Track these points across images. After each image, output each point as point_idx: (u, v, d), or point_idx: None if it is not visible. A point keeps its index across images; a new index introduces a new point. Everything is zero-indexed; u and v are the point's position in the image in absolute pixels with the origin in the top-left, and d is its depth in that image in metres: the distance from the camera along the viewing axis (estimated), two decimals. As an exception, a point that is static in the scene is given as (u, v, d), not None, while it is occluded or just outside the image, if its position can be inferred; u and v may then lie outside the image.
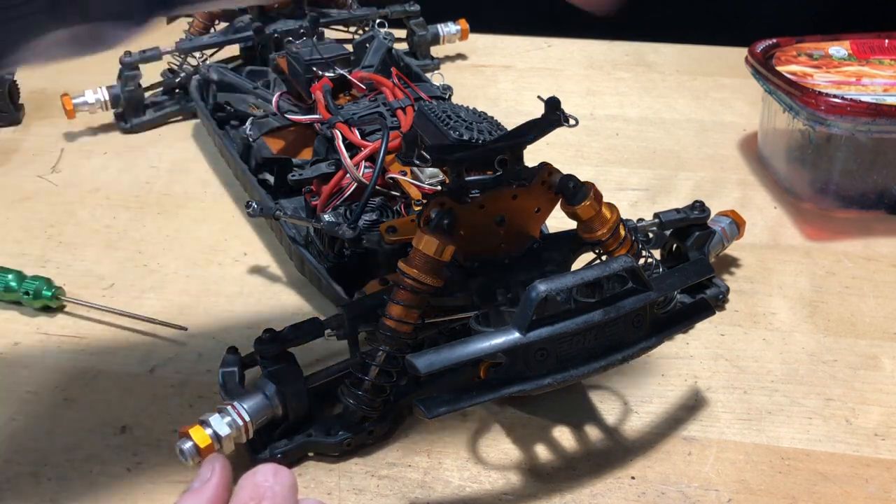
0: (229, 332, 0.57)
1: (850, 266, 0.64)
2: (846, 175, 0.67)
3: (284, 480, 0.36)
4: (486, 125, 0.55)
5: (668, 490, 0.46)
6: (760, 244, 0.66)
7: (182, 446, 0.42)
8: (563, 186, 0.46)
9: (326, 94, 0.64)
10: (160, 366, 0.55)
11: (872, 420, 0.50)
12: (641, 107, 0.88)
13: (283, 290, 0.61)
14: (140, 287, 0.62)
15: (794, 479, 0.47)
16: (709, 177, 0.76)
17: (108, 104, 0.81)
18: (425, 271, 0.43)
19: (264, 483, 0.36)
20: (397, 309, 0.44)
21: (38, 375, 0.54)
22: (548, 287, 0.40)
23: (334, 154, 0.60)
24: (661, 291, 0.43)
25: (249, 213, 0.55)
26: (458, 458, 0.48)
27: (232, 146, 0.70)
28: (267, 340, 0.45)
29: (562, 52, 1.01)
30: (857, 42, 0.76)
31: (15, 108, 0.84)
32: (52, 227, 0.68)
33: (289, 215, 0.56)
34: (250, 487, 0.36)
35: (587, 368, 0.41)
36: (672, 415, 0.51)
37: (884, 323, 0.58)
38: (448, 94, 0.70)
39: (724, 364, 0.54)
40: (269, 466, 0.36)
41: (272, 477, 0.36)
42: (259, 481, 0.36)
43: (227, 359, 0.48)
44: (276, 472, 0.36)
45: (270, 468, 0.36)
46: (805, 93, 0.65)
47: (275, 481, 0.36)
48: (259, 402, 0.45)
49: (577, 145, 0.80)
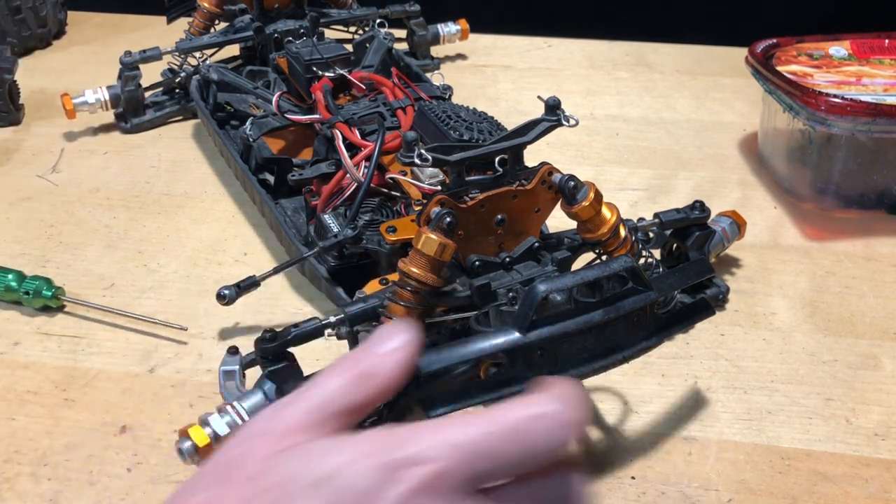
0: (229, 332, 0.57)
1: (850, 266, 0.64)
2: (846, 175, 0.67)
3: None
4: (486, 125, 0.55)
5: (668, 490, 0.46)
6: (760, 244, 0.66)
7: (181, 446, 0.42)
8: (563, 186, 0.46)
9: (326, 94, 0.64)
10: (160, 366, 0.55)
11: (872, 420, 0.50)
12: (641, 107, 0.88)
13: (283, 291, 0.61)
14: (140, 287, 0.62)
15: (794, 479, 0.47)
16: (709, 177, 0.76)
17: (108, 104, 0.81)
18: (425, 271, 0.43)
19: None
20: (398, 309, 0.44)
21: (38, 375, 0.54)
22: (548, 287, 0.40)
23: (334, 154, 0.60)
24: (661, 291, 0.43)
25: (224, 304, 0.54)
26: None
27: (232, 146, 0.70)
28: (268, 340, 0.45)
29: (562, 52, 1.01)
30: (857, 42, 0.76)
31: (15, 108, 0.84)
32: (52, 227, 0.68)
33: (271, 273, 0.55)
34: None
35: (587, 368, 0.41)
36: (672, 415, 0.51)
37: (884, 323, 0.58)
38: (448, 94, 0.70)
39: (724, 364, 0.54)
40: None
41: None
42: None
43: (227, 359, 0.48)
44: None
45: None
46: (805, 93, 0.65)
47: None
48: (259, 401, 0.45)
49: (577, 145, 0.80)
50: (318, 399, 0.31)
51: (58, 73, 0.96)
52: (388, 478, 0.28)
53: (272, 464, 0.29)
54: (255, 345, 0.45)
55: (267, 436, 0.30)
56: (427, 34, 0.95)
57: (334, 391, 0.31)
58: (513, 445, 0.29)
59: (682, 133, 0.83)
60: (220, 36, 0.82)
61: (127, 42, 0.94)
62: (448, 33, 0.96)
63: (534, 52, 1.01)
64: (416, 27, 0.94)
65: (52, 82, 0.92)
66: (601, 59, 0.99)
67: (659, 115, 0.87)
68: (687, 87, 0.92)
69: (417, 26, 0.94)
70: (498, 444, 0.29)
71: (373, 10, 0.89)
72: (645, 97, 0.90)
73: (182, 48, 0.81)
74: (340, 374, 0.32)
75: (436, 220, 0.43)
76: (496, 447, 0.29)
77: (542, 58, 1.00)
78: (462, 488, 0.28)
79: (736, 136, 0.82)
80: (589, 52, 1.01)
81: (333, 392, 0.31)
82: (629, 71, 0.96)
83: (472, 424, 0.29)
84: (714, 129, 0.84)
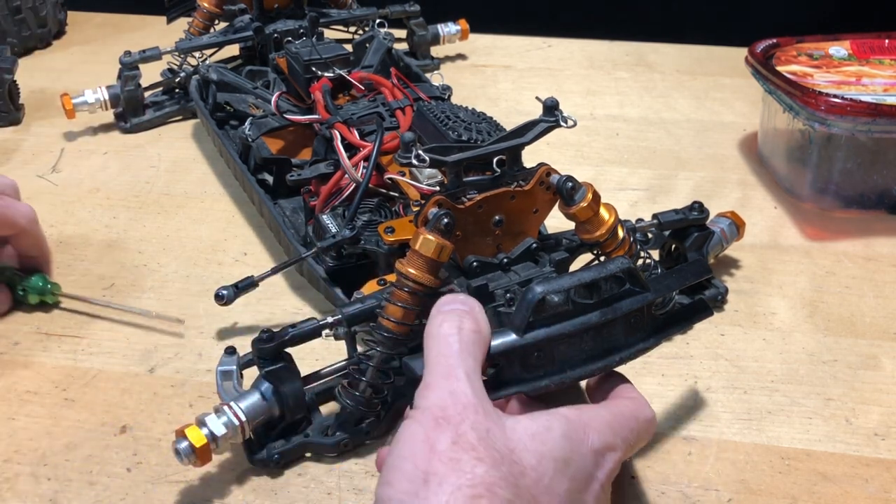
0: (228, 332, 0.58)
1: (850, 266, 0.64)
2: (846, 175, 0.67)
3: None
4: (485, 125, 0.55)
5: (668, 490, 0.46)
6: (760, 244, 0.66)
7: (178, 446, 0.42)
8: (561, 187, 0.46)
9: (325, 94, 0.64)
10: (160, 366, 0.55)
11: (872, 420, 0.50)
12: (641, 107, 0.88)
13: (282, 291, 0.61)
14: (140, 287, 0.62)
15: (794, 479, 0.47)
16: (709, 177, 0.76)
17: (108, 104, 0.81)
18: (423, 272, 0.43)
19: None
20: (395, 310, 0.44)
21: (38, 375, 0.54)
22: (545, 288, 0.40)
23: (333, 154, 0.60)
24: (658, 292, 0.43)
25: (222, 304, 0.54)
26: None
27: (231, 146, 0.70)
28: (265, 340, 0.45)
29: (562, 52, 1.01)
30: (857, 42, 0.76)
31: (15, 108, 0.84)
32: (52, 226, 0.68)
33: (269, 273, 0.55)
34: None
35: (585, 370, 0.41)
36: (672, 415, 0.51)
37: (884, 323, 0.58)
38: (447, 94, 0.70)
39: (724, 364, 0.54)
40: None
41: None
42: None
43: (224, 359, 0.48)
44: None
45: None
46: (805, 93, 0.65)
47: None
48: (256, 402, 0.45)
49: (577, 145, 0.80)
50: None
51: (58, 73, 0.96)
52: (597, 462, 0.37)
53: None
54: (253, 345, 0.45)
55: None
56: (427, 34, 0.95)
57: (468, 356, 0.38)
58: (642, 441, 0.40)
59: (682, 133, 0.83)
60: (220, 36, 0.82)
61: (127, 42, 0.94)
62: (448, 33, 0.96)
63: (534, 52, 1.01)
64: (415, 27, 0.94)
65: (52, 82, 0.93)
66: (601, 59, 0.99)
67: (659, 115, 0.87)
68: (687, 87, 0.92)
69: (417, 26, 0.94)
70: (636, 438, 0.40)
71: (373, 10, 0.89)
72: (645, 97, 0.90)
73: (182, 48, 0.82)
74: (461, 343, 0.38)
75: (433, 221, 0.43)
76: (636, 442, 0.40)
77: (542, 58, 1.00)
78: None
79: (736, 136, 0.82)
80: (589, 52, 1.01)
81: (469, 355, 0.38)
82: (629, 71, 0.96)
83: (627, 418, 0.39)
84: (714, 129, 0.84)
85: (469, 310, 0.39)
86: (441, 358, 0.37)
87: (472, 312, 0.39)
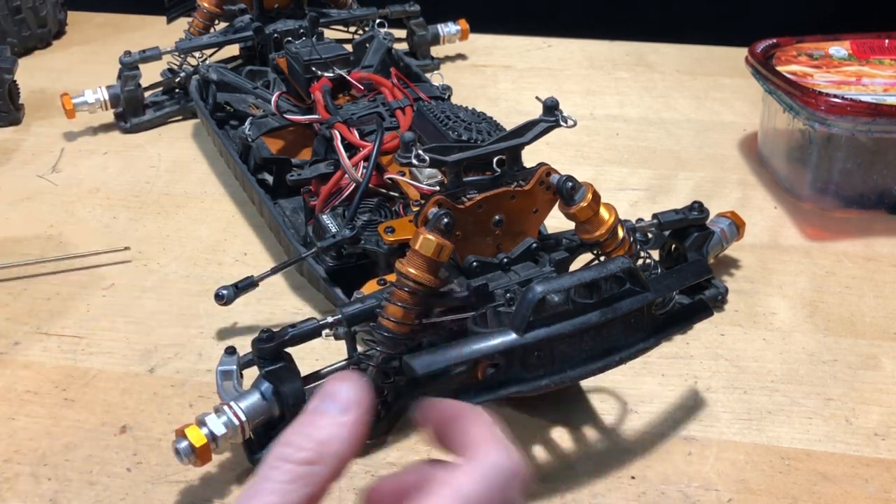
0: (229, 332, 0.57)
1: (850, 266, 0.64)
2: (846, 175, 0.67)
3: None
4: (485, 125, 0.55)
5: (668, 490, 0.46)
6: (760, 244, 0.66)
7: (178, 446, 0.42)
8: (561, 187, 0.46)
9: (325, 94, 0.64)
10: (160, 366, 0.55)
11: (872, 420, 0.50)
12: (641, 107, 0.88)
13: (282, 291, 0.61)
14: (140, 287, 0.62)
15: (794, 479, 0.47)
16: (709, 177, 0.76)
17: (108, 104, 0.81)
18: (423, 272, 0.43)
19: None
20: (395, 310, 0.44)
21: (38, 375, 0.54)
22: (545, 288, 0.40)
23: (333, 154, 0.60)
24: (658, 292, 0.43)
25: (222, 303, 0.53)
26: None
27: (231, 146, 0.70)
28: (265, 340, 0.45)
29: (562, 52, 1.01)
30: (857, 42, 0.76)
31: (15, 108, 0.84)
32: (51, 226, 0.68)
33: (269, 273, 0.55)
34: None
35: (585, 370, 0.41)
36: (672, 415, 0.51)
37: (884, 323, 0.58)
38: (447, 94, 0.70)
39: (724, 364, 0.54)
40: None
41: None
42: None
43: (224, 359, 0.48)
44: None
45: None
46: (805, 93, 0.65)
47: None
48: (256, 401, 0.45)
49: (577, 145, 0.80)
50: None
51: (58, 73, 0.96)
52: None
53: None
54: (253, 345, 0.45)
55: None
56: (427, 34, 0.95)
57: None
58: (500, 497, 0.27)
59: (682, 133, 0.83)
60: (220, 36, 0.82)
61: (127, 42, 0.94)
62: (448, 33, 0.96)
63: (534, 52, 1.01)
64: (415, 27, 0.94)
65: (52, 82, 0.93)
66: (601, 59, 0.99)
67: (659, 115, 0.87)
68: (687, 87, 0.92)
69: (417, 26, 0.94)
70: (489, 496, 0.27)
71: (373, 10, 0.89)
72: (645, 97, 0.90)
73: (182, 48, 0.82)
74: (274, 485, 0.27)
75: (433, 221, 0.43)
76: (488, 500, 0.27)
77: (542, 58, 1.00)
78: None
79: (736, 136, 0.82)
80: (589, 52, 1.01)
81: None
82: (629, 71, 0.96)
83: (471, 477, 0.27)
84: (714, 129, 0.84)
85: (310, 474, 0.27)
86: None
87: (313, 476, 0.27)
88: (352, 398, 0.29)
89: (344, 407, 0.28)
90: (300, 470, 0.27)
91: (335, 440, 0.28)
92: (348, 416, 0.28)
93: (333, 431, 0.28)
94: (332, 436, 0.28)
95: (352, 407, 0.28)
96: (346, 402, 0.28)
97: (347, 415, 0.28)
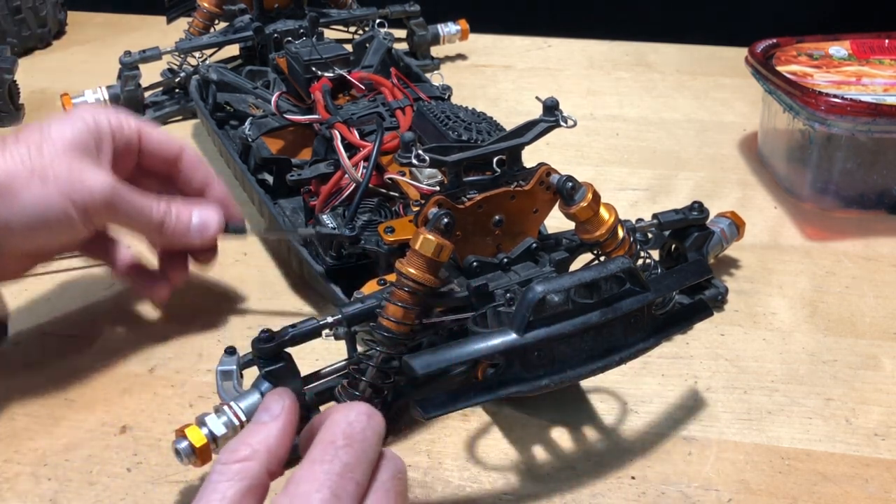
0: (229, 331, 0.57)
1: (850, 266, 0.64)
2: (846, 175, 0.67)
3: (377, 427, 0.34)
4: (485, 125, 0.55)
5: (668, 490, 0.46)
6: (760, 244, 0.66)
7: (178, 446, 0.42)
8: (561, 187, 0.46)
9: (325, 94, 0.64)
10: (160, 366, 0.55)
11: (872, 420, 0.50)
12: (641, 107, 0.88)
13: (282, 291, 0.61)
14: (140, 287, 0.62)
15: (794, 479, 0.46)
16: (709, 177, 0.76)
17: (108, 104, 0.81)
18: (423, 272, 0.43)
19: (357, 424, 0.33)
20: (395, 309, 0.44)
21: (38, 375, 0.54)
22: (545, 288, 0.40)
23: (333, 154, 0.60)
24: (658, 292, 0.43)
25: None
26: (458, 458, 0.48)
27: (231, 146, 0.70)
28: (265, 340, 0.45)
29: (562, 52, 1.01)
30: (857, 42, 0.76)
31: (15, 108, 0.84)
32: (51, 227, 0.68)
33: (261, 232, 0.55)
34: (344, 425, 0.33)
35: (584, 370, 0.41)
36: (672, 415, 0.51)
37: (884, 323, 0.58)
38: (447, 94, 0.70)
39: (724, 364, 0.54)
40: (363, 406, 0.34)
41: (366, 419, 0.33)
42: (352, 420, 0.33)
43: (224, 359, 0.48)
44: (370, 416, 0.33)
45: (365, 409, 0.34)
46: (805, 93, 0.65)
47: (367, 425, 0.33)
48: (256, 402, 0.45)
49: (577, 145, 0.80)
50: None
51: (58, 73, 0.96)
52: None
53: None
54: (252, 345, 0.45)
55: None
56: (427, 34, 0.95)
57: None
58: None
59: (682, 133, 0.83)
60: (220, 36, 0.82)
61: (127, 42, 0.94)
62: (448, 33, 0.96)
63: (534, 52, 1.01)
64: (415, 27, 0.94)
65: (52, 82, 0.93)
66: (601, 59, 0.99)
67: (659, 115, 0.87)
68: (687, 87, 0.92)
69: (417, 26, 0.94)
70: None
71: (373, 10, 0.89)
72: (645, 97, 0.90)
73: (182, 48, 0.82)
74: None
75: (433, 221, 0.43)
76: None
77: (542, 58, 1.00)
78: None
79: (736, 136, 0.82)
80: (589, 52, 1.01)
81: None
82: (629, 71, 0.96)
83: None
84: (714, 129, 0.84)
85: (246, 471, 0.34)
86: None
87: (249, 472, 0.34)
88: (280, 408, 0.36)
89: (273, 415, 0.36)
90: (236, 467, 0.34)
91: (265, 440, 0.35)
92: (276, 422, 0.36)
93: (263, 433, 0.35)
94: (262, 437, 0.35)
95: (280, 414, 0.36)
96: (276, 411, 0.36)
97: (276, 421, 0.36)
